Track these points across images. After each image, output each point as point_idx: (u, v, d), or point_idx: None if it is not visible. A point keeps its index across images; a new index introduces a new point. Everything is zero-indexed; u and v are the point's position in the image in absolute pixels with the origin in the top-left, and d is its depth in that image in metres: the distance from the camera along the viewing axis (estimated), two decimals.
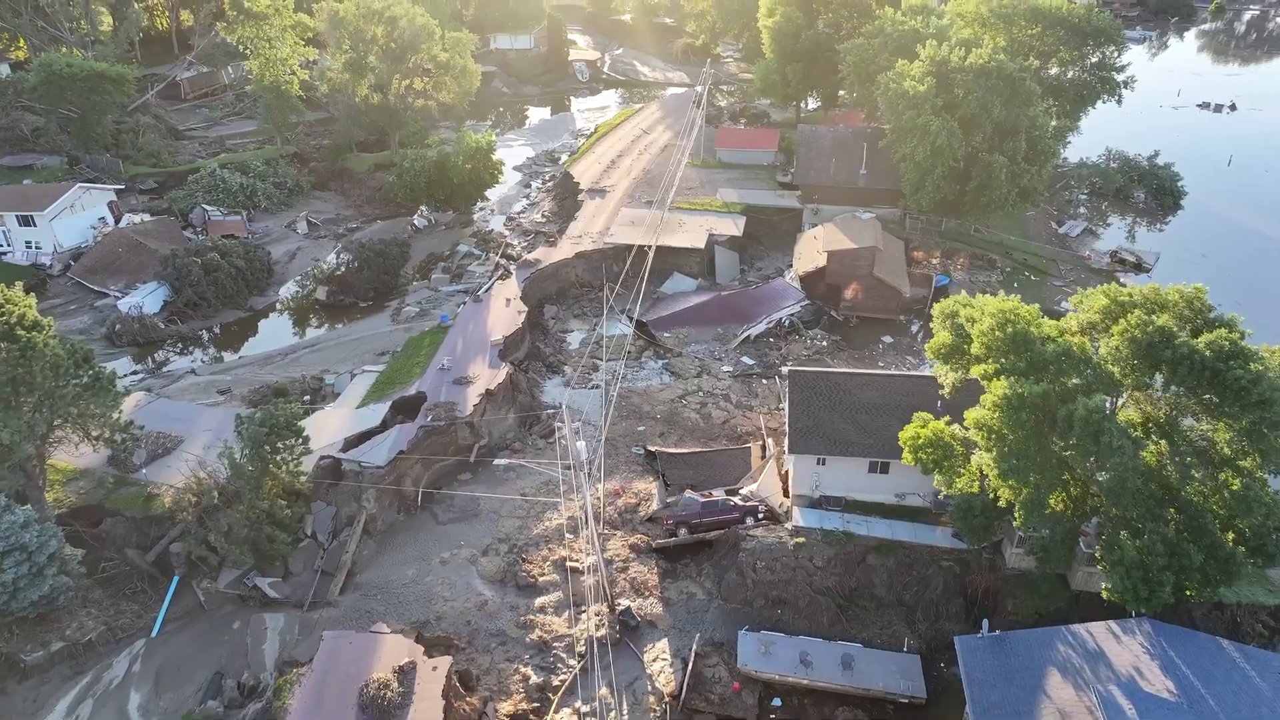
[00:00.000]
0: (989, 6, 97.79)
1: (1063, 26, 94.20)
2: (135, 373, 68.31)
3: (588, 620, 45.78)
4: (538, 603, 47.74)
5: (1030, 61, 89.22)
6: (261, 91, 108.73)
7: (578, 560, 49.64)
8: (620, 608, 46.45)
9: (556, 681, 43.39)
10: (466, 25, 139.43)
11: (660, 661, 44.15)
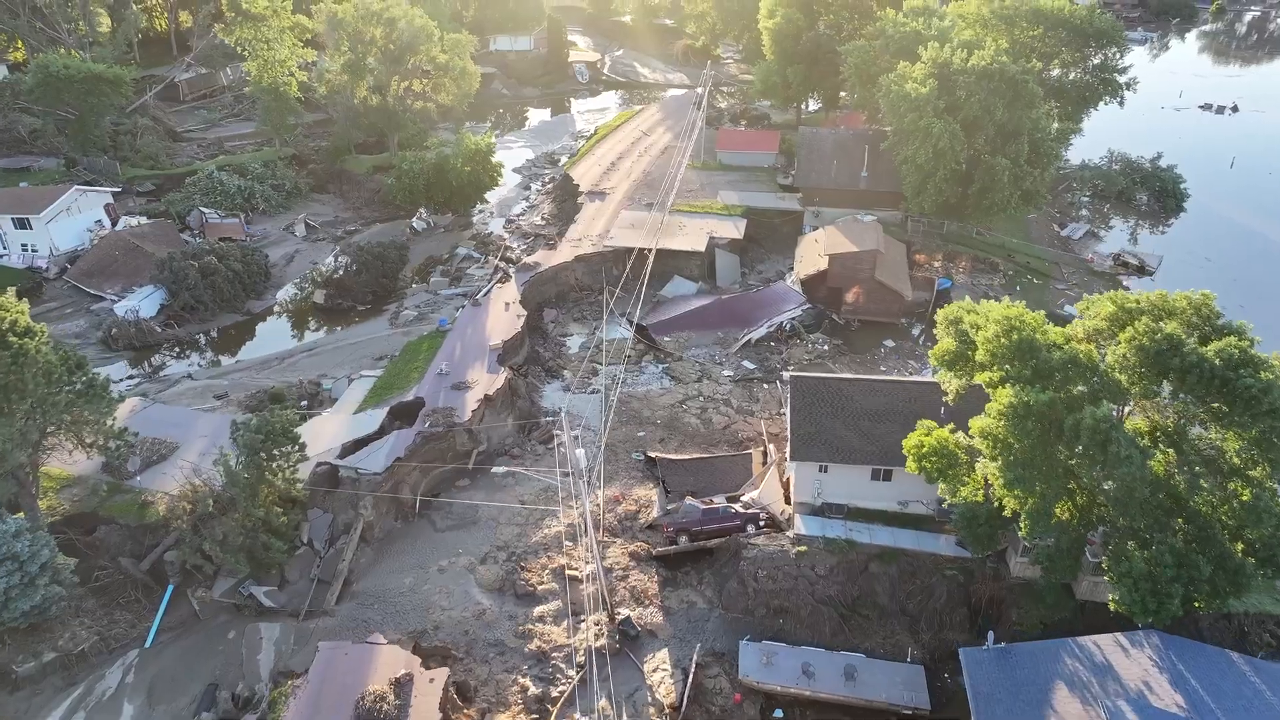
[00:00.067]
0: (990, 8, 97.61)
1: (1064, 28, 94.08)
2: (131, 377, 67.93)
3: (587, 630, 45.26)
4: (536, 612, 47.20)
5: (1032, 63, 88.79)
6: (260, 93, 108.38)
7: (577, 568, 49.13)
8: (620, 617, 45.89)
9: (555, 692, 42.83)
10: (466, 26, 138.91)
11: (660, 672, 43.64)
